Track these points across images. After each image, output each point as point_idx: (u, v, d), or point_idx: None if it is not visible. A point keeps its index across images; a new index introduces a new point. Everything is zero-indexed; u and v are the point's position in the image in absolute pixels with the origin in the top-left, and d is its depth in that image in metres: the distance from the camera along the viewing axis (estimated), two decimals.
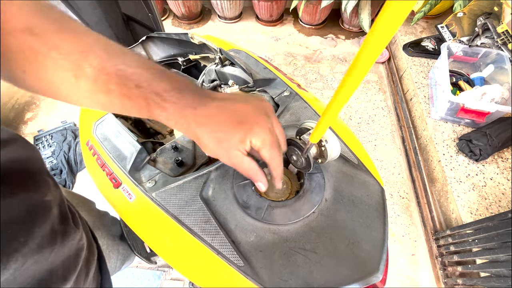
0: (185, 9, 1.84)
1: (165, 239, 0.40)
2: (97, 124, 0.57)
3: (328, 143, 0.34)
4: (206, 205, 0.40)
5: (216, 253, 0.36)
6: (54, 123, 1.48)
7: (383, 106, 1.47)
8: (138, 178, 0.46)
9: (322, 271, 0.34)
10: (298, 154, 0.35)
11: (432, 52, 1.40)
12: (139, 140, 0.49)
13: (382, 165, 1.25)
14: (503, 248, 0.67)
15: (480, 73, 1.20)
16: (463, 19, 1.22)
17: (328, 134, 0.34)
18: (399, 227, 1.09)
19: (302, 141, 0.34)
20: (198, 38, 0.69)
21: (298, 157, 0.35)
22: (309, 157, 0.33)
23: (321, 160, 0.35)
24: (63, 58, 0.25)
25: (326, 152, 0.34)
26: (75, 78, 0.26)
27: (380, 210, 0.39)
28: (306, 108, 0.52)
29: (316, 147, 0.35)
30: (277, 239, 0.36)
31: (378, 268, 0.34)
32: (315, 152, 0.35)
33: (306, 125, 0.35)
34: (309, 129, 0.34)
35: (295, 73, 1.64)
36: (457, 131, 1.11)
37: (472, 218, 0.89)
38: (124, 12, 0.86)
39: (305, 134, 0.34)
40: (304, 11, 1.76)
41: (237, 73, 0.65)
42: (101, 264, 0.37)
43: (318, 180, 0.40)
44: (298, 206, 0.38)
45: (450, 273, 0.92)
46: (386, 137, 1.35)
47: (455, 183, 0.97)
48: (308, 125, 0.35)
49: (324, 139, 0.34)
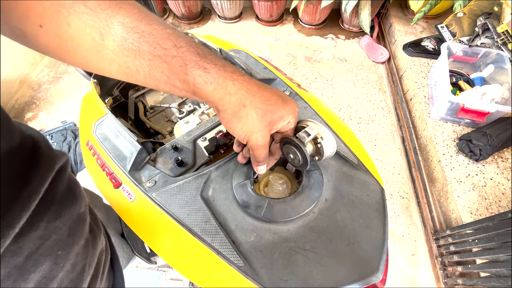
0: (185, 9, 1.84)
1: (165, 239, 0.40)
2: (97, 124, 0.57)
3: (324, 140, 0.34)
4: (206, 205, 0.40)
5: (216, 253, 0.36)
6: (54, 123, 1.48)
7: (383, 106, 1.47)
8: (138, 178, 0.46)
9: (322, 271, 0.34)
10: (294, 152, 0.35)
11: (432, 52, 1.40)
12: (139, 140, 0.49)
13: (382, 165, 1.25)
14: (503, 248, 0.67)
15: (480, 73, 1.20)
16: (463, 19, 1.22)
17: (324, 131, 0.34)
18: (399, 227, 1.09)
19: (298, 139, 0.34)
20: (198, 38, 0.69)
21: (295, 155, 0.36)
22: (306, 154, 0.34)
23: (318, 158, 0.36)
24: (90, 13, 0.22)
25: (322, 149, 0.34)
26: (100, 36, 0.23)
27: (380, 210, 0.39)
28: (306, 108, 0.52)
29: (312, 144, 0.35)
30: (277, 239, 0.36)
31: (378, 268, 0.34)
32: (311, 149, 0.35)
33: (302, 123, 0.36)
34: (304, 127, 0.35)
35: (295, 73, 1.64)
36: (457, 131, 1.11)
37: (472, 218, 0.89)
38: None
39: (301, 131, 0.34)
40: (304, 11, 1.76)
41: None
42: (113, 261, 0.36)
43: (317, 177, 0.40)
44: (297, 202, 0.38)
45: (450, 273, 0.92)
46: (386, 137, 1.35)
47: (455, 183, 0.97)
48: (304, 123, 0.35)
49: (320, 136, 0.34)
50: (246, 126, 0.29)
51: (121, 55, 0.24)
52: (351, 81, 1.59)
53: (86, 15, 0.22)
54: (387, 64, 1.66)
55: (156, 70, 0.26)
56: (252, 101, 0.28)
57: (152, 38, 0.24)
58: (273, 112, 0.29)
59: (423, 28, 1.60)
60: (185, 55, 0.25)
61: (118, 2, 0.24)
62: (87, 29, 0.23)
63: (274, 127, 0.31)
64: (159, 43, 0.25)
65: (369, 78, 1.60)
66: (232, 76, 0.27)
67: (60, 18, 0.22)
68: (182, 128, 0.57)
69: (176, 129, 0.60)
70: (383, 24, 1.82)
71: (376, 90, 1.55)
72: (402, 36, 1.55)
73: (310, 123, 0.35)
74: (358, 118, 1.42)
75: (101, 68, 0.26)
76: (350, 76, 1.62)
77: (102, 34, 0.23)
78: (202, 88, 0.26)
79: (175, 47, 0.25)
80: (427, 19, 1.64)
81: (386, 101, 1.50)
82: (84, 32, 0.23)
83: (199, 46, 0.27)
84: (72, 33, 0.22)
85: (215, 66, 0.26)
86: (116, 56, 0.24)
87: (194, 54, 0.26)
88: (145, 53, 0.25)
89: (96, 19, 0.23)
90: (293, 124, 0.33)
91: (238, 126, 0.29)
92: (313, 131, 0.34)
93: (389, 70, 1.62)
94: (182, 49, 0.25)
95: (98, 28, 0.23)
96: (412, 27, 1.60)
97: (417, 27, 1.60)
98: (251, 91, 0.28)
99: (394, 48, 1.61)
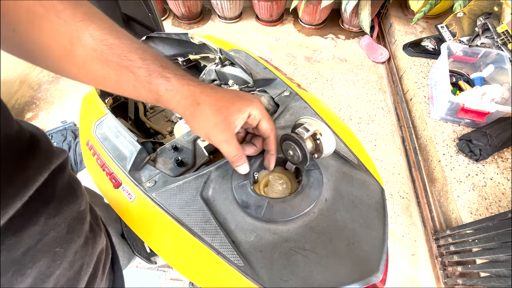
0: (185, 9, 1.84)
1: (165, 239, 0.40)
2: (97, 124, 0.57)
3: (323, 137, 0.34)
4: (206, 205, 0.40)
5: (216, 253, 0.36)
6: (54, 123, 1.48)
7: (383, 106, 1.47)
8: (138, 178, 0.46)
9: (322, 271, 0.34)
10: (294, 148, 0.35)
11: (432, 52, 1.40)
12: (139, 140, 0.49)
13: (382, 165, 1.25)
14: (503, 248, 0.67)
15: (480, 73, 1.20)
16: (463, 19, 1.22)
17: (323, 128, 0.34)
18: (399, 227, 1.09)
19: (298, 135, 0.34)
20: (198, 38, 0.69)
21: (294, 151, 0.36)
22: (305, 150, 0.34)
23: (317, 155, 0.36)
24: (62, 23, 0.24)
25: (322, 146, 0.34)
26: (70, 44, 0.25)
27: (380, 210, 0.39)
28: (306, 108, 0.52)
29: (312, 141, 0.35)
30: (277, 239, 0.36)
31: (378, 268, 0.34)
32: (310, 146, 0.35)
33: (301, 121, 0.36)
34: (303, 123, 0.35)
35: (295, 73, 1.64)
36: (457, 131, 1.11)
37: (472, 218, 0.89)
38: (124, 12, 0.86)
39: (299, 127, 0.35)
40: (304, 11, 1.76)
41: (237, 73, 0.65)
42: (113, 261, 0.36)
43: (316, 176, 0.40)
44: (297, 201, 0.38)
45: (450, 273, 0.92)
46: (386, 137, 1.35)
47: (455, 183, 0.97)
48: (303, 120, 0.35)
49: (319, 133, 0.34)
50: (203, 123, 0.31)
51: (90, 64, 0.26)
52: (351, 81, 1.59)
53: (58, 25, 0.24)
54: (387, 64, 1.66)
55: (123, 79, 0.28)
56: (206, 100, 0.30)
57: (120, 51, 0.27)
58: (228, 107, 0.31)
59: (423, 28, 1.60)
60: (150, 66, 0.28)
61: (90, 16, 0.25)
62: (59, 37, 0.24)
63: (234, 121, 0.32)
64: (126, 55, 0.27)
65: (369, 78, 1.60)
66: (189, 83, 0.30)
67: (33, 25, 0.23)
68: (182, 128, 0.57)
69: (176, 129, 0.60)
70: (383, 24, 1.82)
71: (376, 90, 1.55)
72: (402, 36, 1.55)
73: (309, 120, 0.35)
74: (358, 118, 1.42)
75: (70, 74, 0.28)
76: (350, 76, 1.62)
77: (72, 43, 0.25)
78: (163, 95, 0.29)
79: (141, 59, 0.27)
80: (427, 19, 1.64)
81: (386, 101, 1.50)
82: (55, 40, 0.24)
83: (163, 59, 0.29)
84: (44, 40, 0.24)
85: (175, 75, 0.29)
86: (85, 64, 0.26)
87: (158, 66, 0.28)
88: (113, 63, 0.27)
89: (67, 30, 0.24)
90: (259, 116, 0.33)
91: (196, 125, 0.31)
92: (312, 127, 0.34)
93: (389, 70, 1.62)
94: (147, 61, 0.28)
95: (69, 38, 0.25)
96: (412, 27, 1.60)
97: (417, 27, 1.60)
98: (205, 92, 0.30)
99: (394, 48, 1.61)
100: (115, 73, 0.27)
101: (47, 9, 0.23)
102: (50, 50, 0.25)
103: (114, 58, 0.26)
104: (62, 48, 0.25)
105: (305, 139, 0.34)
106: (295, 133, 0.35)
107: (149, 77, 0.28)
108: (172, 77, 0.29)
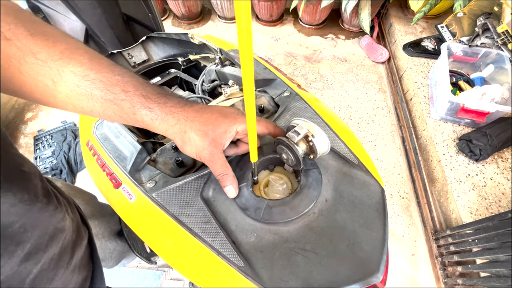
0: (185, 9, 1.84)
1: (166, 240, 0.40)
2: (97, 124, 0.57)
3: (315, 138, 0.34)
4: (206, 206, 0.40)
5: (217, 254, 0.36)
6: (54, 123, 1.48)
7: (383, 106, 1.47)
8: (139, 179, 0.46)
9: (323, 271, 0.34)
10: (286, 152, 0.35)
11: (432, 52, 1.40)
12: (139, 140, 0.49)
13: (382, 165, 1.25)
14: (503, 248, 0.67)
15: (480, 73, 1.20)
16: (463, 19, 1.22)
17: (314, 129, 0.34)
18: (399, 227, 1.09)
19: (288, 139, 0.34)
20: (198, 38, 0.69)
21: (288, 155, 0.36)
22: (297, 153, 0.34)
23: (313, 156, 0.36)
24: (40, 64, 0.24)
25: (315, 147, 0.34)
26: (52, 82, 0.25)
27: (380, 211, 0.39)
28: (306, 108, 0.52)
29: (305, 142, 0.35)
30: (277, 239, 0.36)
31: (379, 269, 0.34)
32: (304, 148, 0.35)
33: (293, 122, 0.36)
34: (295, 126, 0.35)
35: (295, 73, 1.64)
36: (457, 131, 1.11)
37: (472, 218, 0.89)
38: (124, 12, 0.86)
39: (290, 131, 0.35)
40: (304, 11, 1.76)
41: (237, 73, 0.64)
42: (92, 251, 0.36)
43: (315, 175, 0.40)
44: (296, 202, 0.38)
45: (450, 273, 0.92)
46: (386, 137, 1.35)
47: (455, 183, 0.97)
48: (295, 122, 0.35)
49: (311, 134, 0.34)
50: (193, 148, 0.33)
51: (75, 99, 0.27)
52: (351, 81, 1.59)
53: (37, 66, 0.24)
54: (387, 64, 1.66)
55: (109, 111, 0.29)
56: (191, 126, 0.32)
57: (103, 85, 0.28)
58: (214, 130, 0.33)
59: (423, 28, 1.60)
60: (132, 98, 0.29)
61: (69, 53, 0.26)
62: (39, 77, 0.25)
63: (221, 142, 0.34)
64: (108, 89, 0.28)
65: (369, 78, 1.60)
66: (172, 110, 0.31)
67: (12, 67, 0.23)
68: None
69: None
70: (383, 24, 1.82)
71: (376, 90, 1.55)
72: (402, 36, 1.55)
73: (300, 122, 0.35)
74: (358, 118, 1.42)
75: (57, 107, 0.29)
76: (350, 76, 1.62)
77: (54, 81, 0.25)
78: (149, 124, 0.31)
79: (123, 91, 0.29)
80: (427, 19, 1.64)
81: (386, 101, 1.50)
82: (36, 79, 0.25)
83: (145, 87, 0.30)
84: (25, 79, 0.24)
85: (158, 104, 0.31)
86: (69, 99, 0.27)
87: (139, 97, 0.30)
88: (97, 97, 0.28)
89: (47, 69, 0.25)
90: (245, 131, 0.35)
91: (187, 149, 0.34)
92: (302, 130, 0.34)
93: (389, 70, 1.62)
94: (129, 93, 0.29)
95: (50, 76, 0.25)
96: (412, 27, 1.60)
97: (417, 27, 1.60)
98: (189, 118, 0.32)
99: (394, 48, 1.61)
100: (100, 106, 0.28)
101: (24, 52, 0.23)
102: (33, 89, 0.25)
103: (98, 92, 0.27)
104: (45, 87, 0.26)
105: (296, 143, 0.34)
106: (286, 137, 0.35)
107: (133, 109, 0.29)
108: (155, 107, 0.30)
